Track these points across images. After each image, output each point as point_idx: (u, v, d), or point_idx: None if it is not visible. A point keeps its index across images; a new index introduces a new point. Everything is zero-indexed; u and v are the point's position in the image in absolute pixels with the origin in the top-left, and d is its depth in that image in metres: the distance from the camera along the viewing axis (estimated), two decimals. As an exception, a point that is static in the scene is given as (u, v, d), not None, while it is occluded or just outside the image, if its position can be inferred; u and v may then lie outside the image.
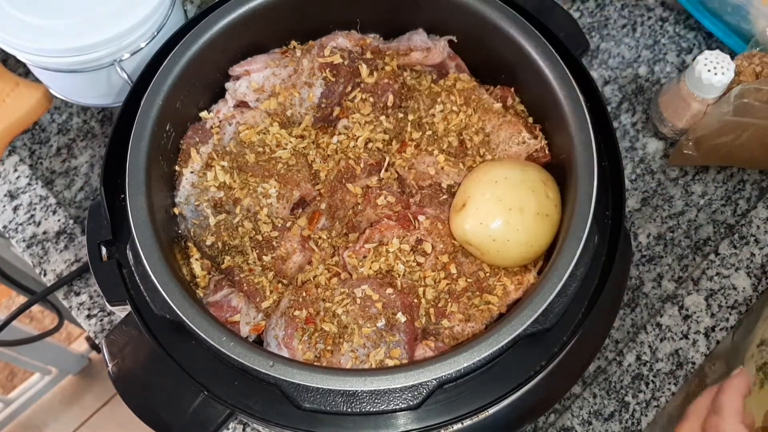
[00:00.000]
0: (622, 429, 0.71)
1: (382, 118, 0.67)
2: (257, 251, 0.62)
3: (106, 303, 0.59)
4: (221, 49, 0.66)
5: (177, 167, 0.65)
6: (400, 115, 0.67)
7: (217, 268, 0.63)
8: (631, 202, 0.80)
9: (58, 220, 0.79)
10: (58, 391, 1.65)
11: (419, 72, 0.71)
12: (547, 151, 0.66)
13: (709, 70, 0.71)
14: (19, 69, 0.86)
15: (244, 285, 0.61)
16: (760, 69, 0.73)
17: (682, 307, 0.75)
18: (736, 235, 0.77)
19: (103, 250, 0.60)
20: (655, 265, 0.77)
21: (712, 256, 0.76)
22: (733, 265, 0.76)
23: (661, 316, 0.74)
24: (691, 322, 0.74)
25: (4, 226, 0.79)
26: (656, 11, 0.89)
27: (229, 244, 0.62)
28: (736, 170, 0.81)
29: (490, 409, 0.55)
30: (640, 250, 0.78)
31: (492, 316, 0.60)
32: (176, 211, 0.64)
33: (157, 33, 0.73)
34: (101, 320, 0.76)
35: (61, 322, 1.09)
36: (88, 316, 0.77)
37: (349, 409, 0.52)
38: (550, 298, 0.54)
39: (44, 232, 0.79)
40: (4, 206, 0.80)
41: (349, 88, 0.67)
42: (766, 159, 0.76)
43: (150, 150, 0.59)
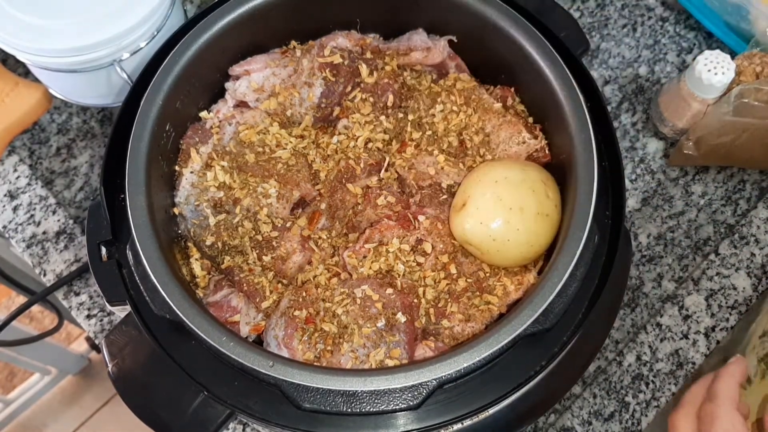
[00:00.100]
0: (622, 429, 0.71)
1: (382, 118, 0.67)
2: (257, 251, 0.62)
3: (106, 303, 0.59)
4: (221, 49, 0.66)
5: (177, 167, 0.65)
6: (400, 115, 0.67)
7: (217, 268, 0.63)
8: (631, 202, 0.80)
9: (58, 220, 0.79)
10: (57, 392, 1.65)
11: (419, 72, 0.71)
12: (547, 151, 0.66)
13: (710, 70, 0.71)
14: (19, 69, 0.86)
15: (244, 285, 0.61)
16: (760, 69, 0.73)
17: (682, 307, 0.75)
18: (737, 235, 0.77)
19: (103, 250, 0.60)
20: (655, 265, 0.77)
21: (713, 256, 0.76)
22: (734, 265, 0.76)
23: (661, 316, 0.74)
24: (691, 322, 0.74)
25: (4, 226, 0.79)
26: (656, 11, 0.89)
27: (229, 244, 0.62)
28: (736, 170, 0.81)
29: (490, 409, 0.55)
30: (640, 250, 0.78)
31: (492, 316, 0.60)
32: (176, 211, 0.64)
33: (157, 33, 0.73)
34: (101, 320, 0.76)
35: (61, 322, 1.09)
36: (88, 316, 0.77)
37: (349, 409, 0.52)
38: (550, 298, 0.54)
39: (44, 232, 0.79)
40: (4, 206, 0.80)
41: (349, 88, 0.67)
42: (766, 159, 0.76)
43: (150, 150, 0.59)
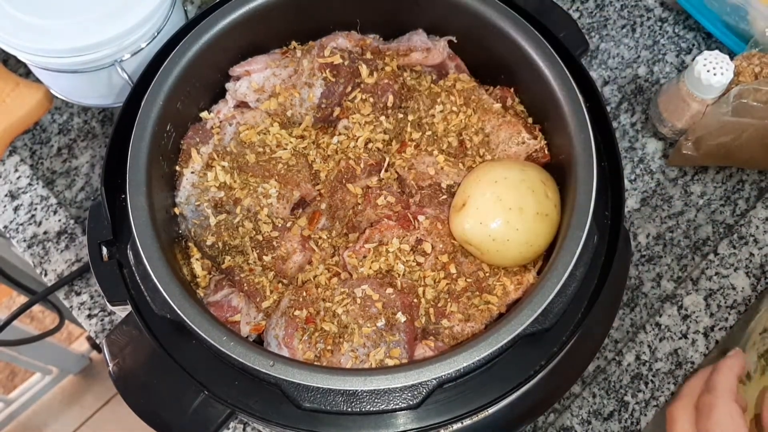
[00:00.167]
0: (621, 429, 0.71)
1: (382, 118, 0.67)
2: (257, 251, 0.62)
3: (107, 303, 0.59)
4: (222, 49, 0.66)
5: (177, 167, 0.66)
6: (400, 116, 0.67)
7: (218, 268, 0.63)
8: (631, 202, 0.80)
9: (59, 220, 0.80)
10: (58, 391, 1.65)
11: (419, 72, 0.71)
12: (546, 152, 0.66)
13: (709, 71, 0.71)
14: (20, 69, 0.86)
15: (245, 285, 0.61)
16: (759, 69, 0.73)
17: (681, 307, 0.75)
18: (735, 235, 0.77)
19: (104, 250, 0.60)
20: (655, 265, 0.77)
21: (711, 256, 0.77)
22: (732, 265, 0.76)
23: (661, 316, 0.74)
24: (691, 322, 0.74)
25: (5, 226, 0.80)
26: (655, 12, 0.89)
27: (230, 244, 0.63)
28: (735, 170, 0.81)
29: (490, 408, 0.55)
30: (640, 250, 0.78)
31: (492, 316, 0.60)
32: (177, 211, 0.64)
33: (158, 33, 0.73)
34: (102, 320, 0.77)
35: (62, 321, 1.09)
36: (89, 316, 0.77)
37: (349, 409, 0.52)
38: (550, 298, 0.54)
39: (45, 232, 0.79)
40: (5, 206, 0.80)
41: (349, 89, 0.68)
42: (766, 159, 0.76)
43: (150, 150, 0.60)
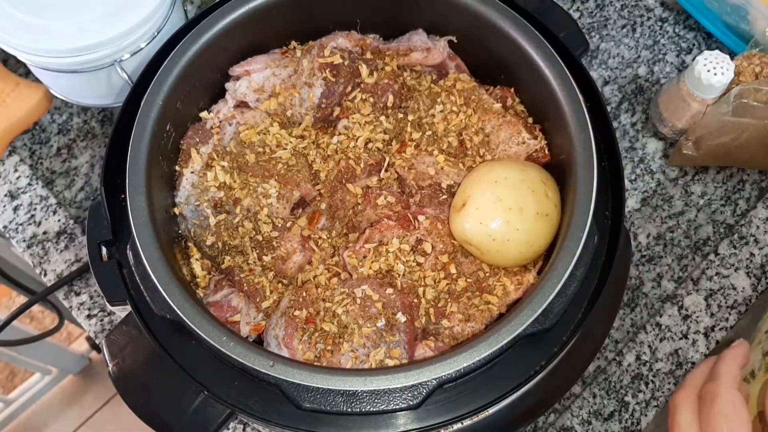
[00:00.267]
0: (621, 429, 0.71)
1: (382, 118, 0.67)
2: (257, 251, 0.62)
3: (107, 303, 0.59)
4: (221, 49, 0.66)
5: (177, 167, 0.65)
6: (400, 116, 0.67)
7: (217, 268, 0.63)
8: (631, 202, 0.80)
9: (59, 220, 0.80)
10: (58, 391, 1.65)
11: (419, 72, 0.71)
12: (546, 152, 0.66)
13: (709, 71, 0.71)
14: (20, 69, 0.86)
15: (244, 285, 0.61)
16: (760, 69, 0.73)
17: (681, 307, 0.75)
18: (736, 235, 0.77)
19: (104, 250, 0.60)
20: (655, 265, 0.77)
21: (712, 256, 0.77)
22: (733, 265, 0.76)
23: (661, 316, 0.74)
24: (691, 322, 0.74)
25: (5, 226, 0.80)
26: (656, 11, 0.89)
27: (229, 244, 0.62)
28: (735, 170, 0.81)
29: (490, 409, 0.55)
30: (640, 250, 0.78)
31: (492, 316, 0.60)
32: (176, 211, 0.64)
33: (158, 33, 0.73)
34: (101, 320, 0.76)
35: (62, 322, 1.09)
36: (89, 316, 0.77)
37: (349, 409, 0.52)
38: (550, 298, 0.54)
39: (44, 232, 0.79)
40: (5, 206, 0.80)
41: (349, 89, 0.67)
42: (766, 159, 0.76)
43: (150, 150, 0.59)
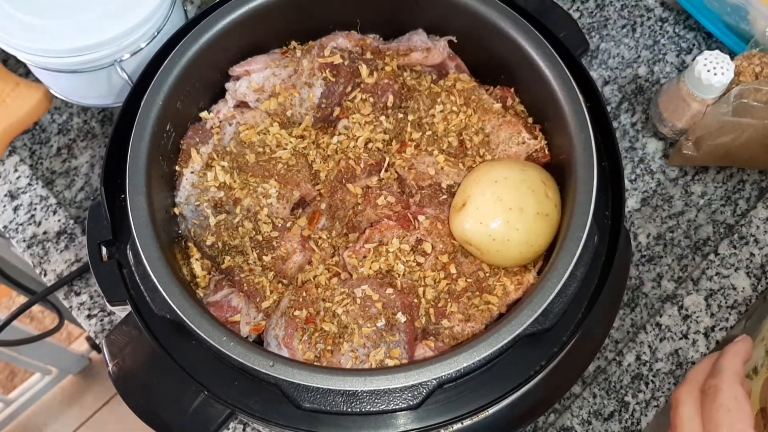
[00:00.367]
0: (621, 429, 0.71)
1: (382, 118, 0.67)
2: (257, 251, 0.62)
3: (107, 303, 0.59)
4: (221, 49, 0.66)
5: (177, 167, 0.65)
6: (400, 116, 0.67)
7: (217, 268, 0.63)
8: (631, 202, 0.80)
9: (59, 220, 0.79)
10: (58, 391, 1.65)
11: (419, 72, 0.71)
12: (546, 152, 0.66)
13: (709, 71, 0.71)
14: (20, 69, 0.86)
15: (244, 285, 0.61)
16: (760, 69, 0.73)
17: (681, 307, 0.75)
18: (736, 235, 0.77)
19: (104, 250, 0.60)
20: (655, 265, 0.77)
21: (712, 256, 0.77)
22: (733, 265, 0.76)
23: (661, 316, 0.74)
24: (691, 322, 0.74)
25: (5, 226, 0.80)
26: (656, 11, 0.89)
27: (229, 244, 0.62)
28: (735, 170, 0.81)
29: (490, 409, 0.55)
30: (640, 250, 0.78)
31: (492, 316, 0.60)
32: (176, 211, 0.64)
33: (158, 33, 0.73)
34: (101, 320, 0.76)
35: (62, 322, 1.09)
36: (89, 316, 0.77)
37: (349, 409, 0.52)
38: (550, 298, 0.54)
39: (44, 232, 0.79)
40: (5, 206, 0.80)
41: (349, 89, 0.67)
42: (766, 159, 0.76)
43: (150, 150, 0.59)
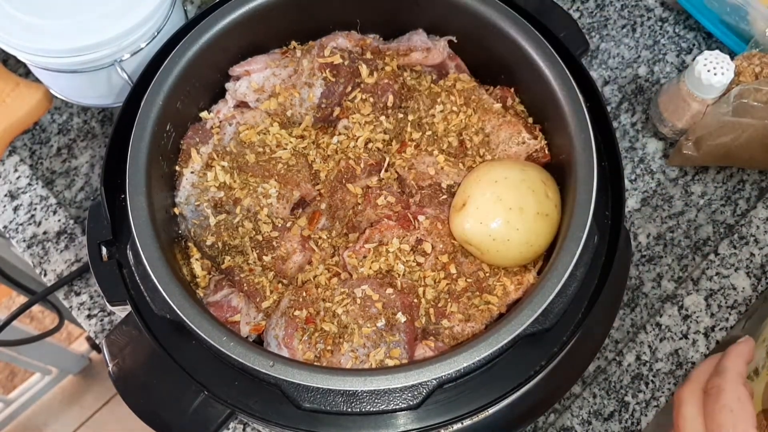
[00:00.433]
0: (621, 429, 0.71)
1: (382, 118, 0.67)
2: (257, 251, 0.62)
3: (107, 303, 0.59)
4: (221, 49, 0.66)
5: (177, 167, 0.65)
6: (400, 116, 0.67)
7: (217, 268, 0.63)
8: (631, 202, 0.80)
9: (59, 220, 0.79)
10: (58, 391, 1.65)
11: (419, 72, 0.71)
12: (546, 152, 0.66)
13: (709, 71, 0.71)
14: (20, 69, 0.86)
15: (244, 285, 0.61)
16: (760, 69, 0.73)
17: (681, 307, 0.75)
18: (736, 235, 0.77)
19: (104, 250, 0.60)
20: (655, 265, 0.77)
21: (712, 256, 0.77)
22: (733, 265, 0.76)
23: (661, 316, 0.74)
24: (691, 322, 0.74)
25: (5, 226, 0.80)
26: (656, 11, 0.89)
27: (229, 244, 0.62)
28: (735, 170, 0.81)
29: (490, 409, 0.55)
30: (640, 250, 0.78)
31: (492, 316, 0.60)
32: (176, 211, 0.64)
33: (158, 33, 0.73)
34: (101, 320, 0.76)
35: (62, 322, 1.09)
36: (89, 316, 0.77)
37: (349, 409, 0.52)
38: (550, 298, 0.54)
39: (44, 232, 0.79)
40: (5, 206, 0.80)
41: (349, 89, 0.67)
42: (766, 159, 0.76)
43: (150, 150, 0.59)
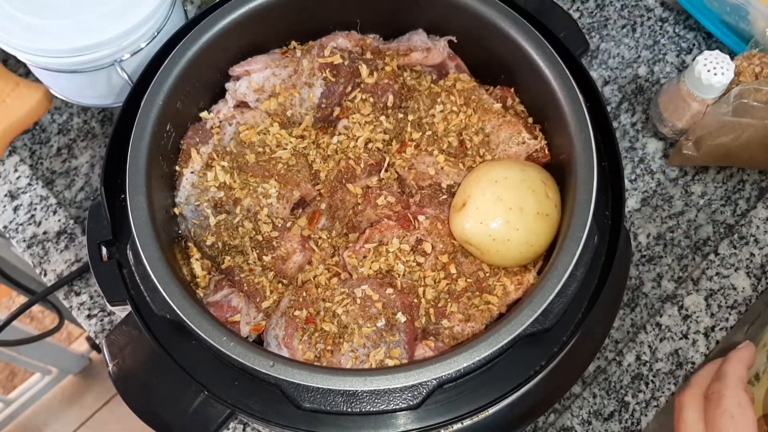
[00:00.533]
0: (621, 429, 0.71)
1: (382, 118, 0.67)
2: (257, 251, 0.62)
3: (107, 303, 0.59)
4: (221, 49, 0.66)
5: (177, 167, 0.65)
6: (400, 116, 0.67)
7: (218, 268, 0.63)
8: (631, 202, 0.80)
9: (59, 220, 0.79)
10: (58, 391, 1.65)
11: (419, 72, 0.71)
12: (546, 152, 0.66)
13: (709, 71, 0.71)
14: (20, 69, 0.86)
15: (245, 285, 0.61)
16: (760, 69, 0.73)
17: (681, 307, 0.75)
18: (736, 235, 0.77)
19: (104, 250, 0.60)
20: (655, 265, 0.77)
21: (712, 256, 0.77)
22: (733, 265, 0.76)
23: (661, 316, 0.74)
24: (691, 322, 0.74)
25: (5, 226, 0.80)
26: (656, 11, 0.89)
27: (229, 244, 0.62)
28: (735, 170, 0.81)
29: (490, 409, 0.55)
30: (640, 250, 0.78)
31: (492, 316, 0.60)
32: (176, 211, 0.64)
33: (158, 33, 0.73)
34: (101, 320, 0.76)
35: (62, 322, 1.09)
36: (89, 316, 0.77)
37: (349, 409, 0.52)
38: (550, 298, 0.54)
39: (44, 232, 0.79)
40: (5, 206, 0.80)
41: (349, 89, 0.67)
42: (766, 159, 0.76)
43: (150, 150, 0.59)
